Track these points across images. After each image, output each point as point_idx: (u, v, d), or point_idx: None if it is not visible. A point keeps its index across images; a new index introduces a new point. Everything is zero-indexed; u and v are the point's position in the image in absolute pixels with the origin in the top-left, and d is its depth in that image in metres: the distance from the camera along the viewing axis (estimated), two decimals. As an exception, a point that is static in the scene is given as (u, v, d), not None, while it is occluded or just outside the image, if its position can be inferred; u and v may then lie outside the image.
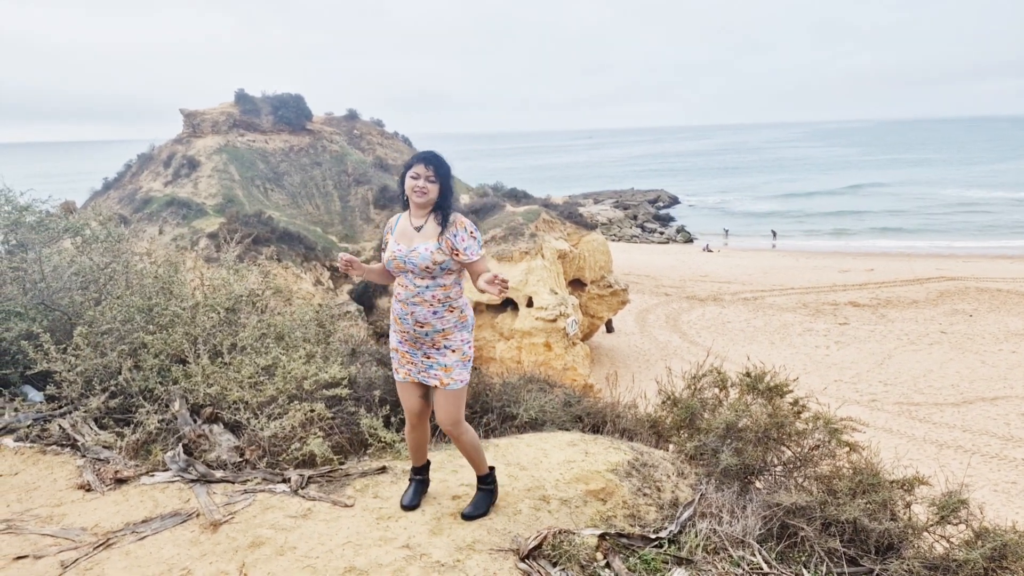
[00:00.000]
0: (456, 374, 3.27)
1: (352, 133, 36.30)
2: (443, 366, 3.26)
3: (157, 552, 3.14)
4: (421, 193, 3.15)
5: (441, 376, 3.26)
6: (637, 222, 59.95)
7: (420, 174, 3.16)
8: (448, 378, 3.26)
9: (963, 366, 23.26)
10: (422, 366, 3.30)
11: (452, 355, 3.26)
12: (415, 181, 3.16)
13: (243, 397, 4.22)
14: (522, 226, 25.17)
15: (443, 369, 3.26)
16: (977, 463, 16.62)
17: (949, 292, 32.06)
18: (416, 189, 3.15)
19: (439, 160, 3.19)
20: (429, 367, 3.28)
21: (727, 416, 4.29)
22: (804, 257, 43.28)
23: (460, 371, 3.28)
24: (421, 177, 3.15)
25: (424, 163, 3.16)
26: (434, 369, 3.27)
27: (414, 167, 3.18)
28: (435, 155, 3.19)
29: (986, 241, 47.28)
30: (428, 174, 3.15)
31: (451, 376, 3.26)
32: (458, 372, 3.27)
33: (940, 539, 3.62)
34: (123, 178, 31.85)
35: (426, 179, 3.15)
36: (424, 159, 3.17)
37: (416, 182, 3.15)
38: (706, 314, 30.54)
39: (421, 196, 3.16)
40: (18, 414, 4.49)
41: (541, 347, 22.07)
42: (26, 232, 5.48)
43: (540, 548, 3.15)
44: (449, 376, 3.26)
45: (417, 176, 3.16)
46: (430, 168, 3.15)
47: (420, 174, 3.16)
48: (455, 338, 3.27)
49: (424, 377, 3.30)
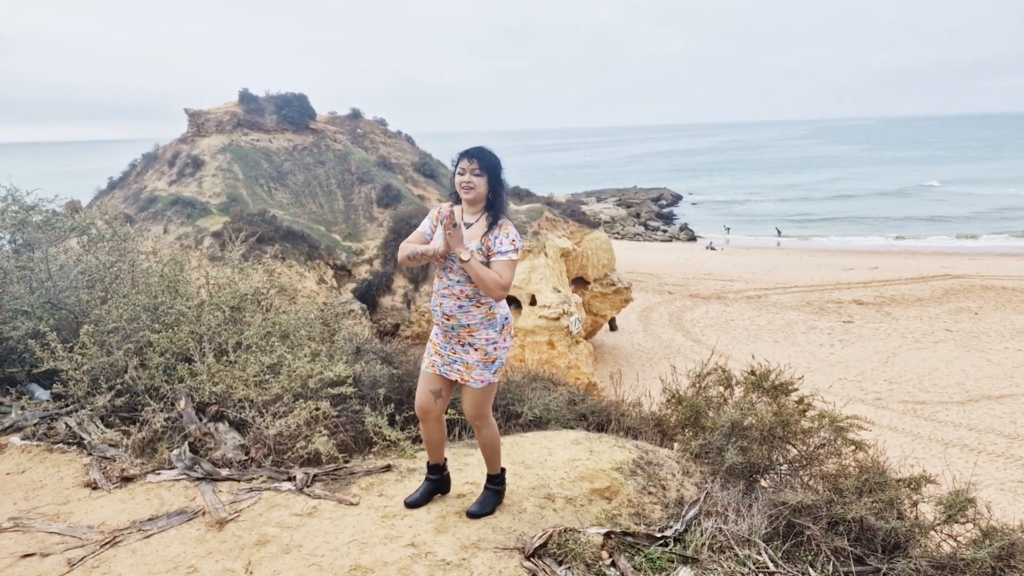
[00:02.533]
0: (476, 374, 3.27)
1: (355, 132, 36.30)
2: (464, 363, 3.29)
3: (163, 550, 3.14)
4: (468, 188, 3.16)
5: (463, 372, 3.30)
6: (640, 220, 59.87)
7: (465, 169, 3.17)
8: (468, 376, 3.29)
9: (969, 364, 23.17)
10: (448, 359, 3.33)
11: (475, 354, 3.27)
12: (461, 177, 3.17)
13: (248, 395, 4.23)
14: (525, 224, 25.16)
15: (464, 367, 3.29)
16: (983, 462, 16.56)
17: (954, 290, 31.94)
18: (463, 185, 3.16)
19: (483, 153, 3.18)
20: (453, 361, 3.32)
21: (732, 414, 4.28)
22: (808, 255, 43.17)
23: (481, 371, 3.28)
24: (467, 172, 3.16)
25: (468, 157, 3.17)
26: (457, 364, 3.31)
27: (460, 163, 3.19)
28: (480, 149, 3.19)
29: (991, 239, 47.12)
30: (473, 167, 3.15)
31: (471, 375, 3.28)
32: (478, 372, 3.27)
33: (947, 538, 3.61)
34: (128, 177, 31.89)
35: (471, 173, 3.15)
36: (468, 153, 3.18)
37: (462, 177, 3.17)
38: (709, 312, 30.48)
39: (469, 191, 3.16)
40: (25, 412, 4.51)
41: (544, 345, 22.07)
42: (33, 231, 5.49)
43: (545, 546, 3.15)
44: (469, 375, 3.28)
45: (463, 172, 3.17)
46: (474, 162, 3.15)
47: (465, 169, 3.17)
48: (480, 336, 3.26)
49: (447, 371, 3.34)
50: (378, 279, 25.71)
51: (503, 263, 3.13)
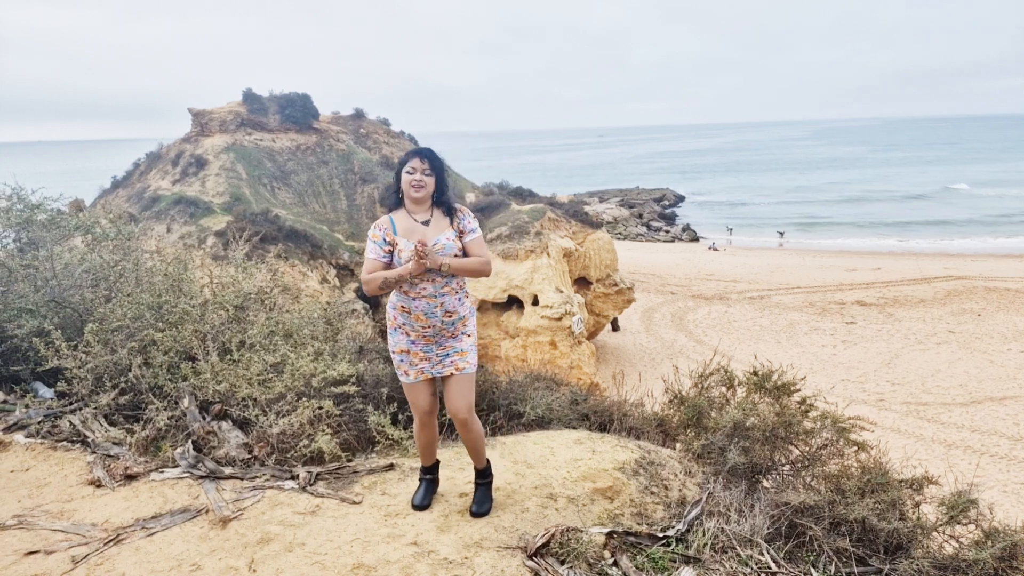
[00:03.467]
0: (471, 357, 3.39)
1: (358, 132, 36.36)
2: (459, 351, 3.36)
3: (167, 547, 3.16)
4: (419, 187, 3.25)
5: (458, 361, 3.34)
6: (643, 220, 59.86)
7: (416, 168, 3.26)
8: (464, 362, 3.35)
9: (971, 366, 23.13)
10: (437, 359, 3.35)
11: (467, 339, 3.39)
12: (411, 176, 3.26)
13: (252, 394, 4.24)
14: (527, 224, 25.16)
15: (460, 354, 3.35)
16: (986, 463, 16.53)
17: (957, 291, 31.88)
18: (414, 183, 3.25)
19: (433, 154, 3.31)
20: (445, 356, 3.35)
21: (734, 415, 4.27)
22: (811, 256, 43.12)
23: (473, 354, 3.40)
24: (417, 171, 3.26)
25: (420, 157, 3.28)
26: (451, 356, 3.35)
27: (410, 162, 3.28)
28: (429, 150, 3.32)
29: (995, 239, 46.98)
30: (424, 167, 3.26)
31: (466, 360, 3.36)
32: (472, 355, 3.39)
33: (949, 539, 3.60)
34: (132, 176, 31.98)
35: (422, 172, 3.26)
36: (419, 153, 3.29)
37: (413, 176, 3.25)
38: (712, 313, 30.46)
39: (419, 190, 3.25)
40: (29, 410, 4.53)
41: (547, 345, 22.07)
42: (37, 230, 5.52)
43: (548, 546, 3.15)
44: (465, 360, 3.36)
45: (413, 171, 3.26)
46: (425, 162, 3.27)
47: (416, 168, 3.26)
48: (470, 323, 3.42)
49: (440, 369, 3.35)
50: (381, 279, 25.71)
51: (477, 241, 3.33)
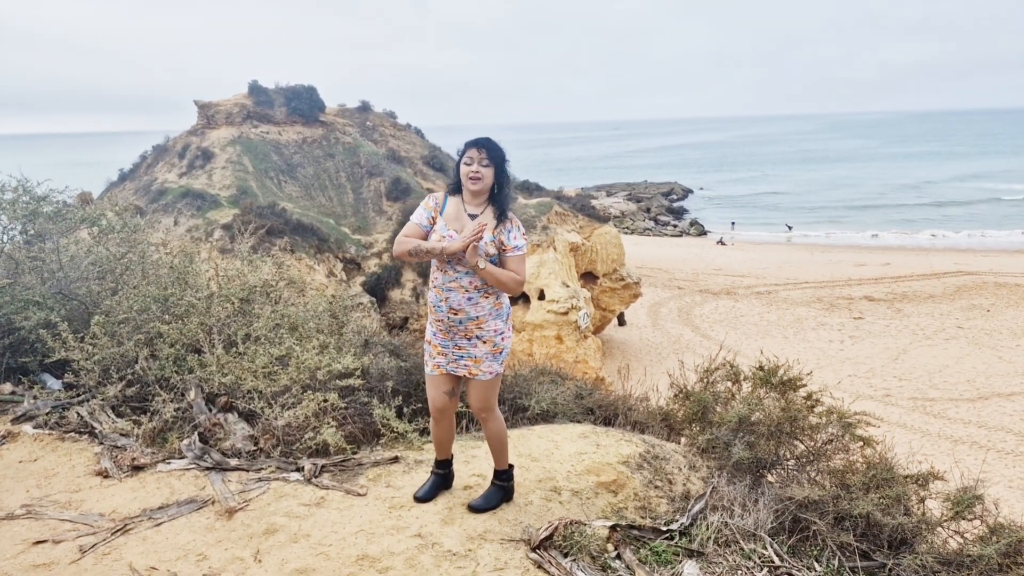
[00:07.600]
0: (485, 366, 3.26)
1: (365, 125, 36.33)
2: (472, 357, 3.24)
3: (173, 538, 3.18)
4: (476, 179, 3.12)
5: (470, 367, 3.26)
6: (650, 215, 59.62)
7: (473, 159, 3.12)
8: (476, 369, 3.26)
9: (979, 361, 22.99)
10: (452, 356, 3.28)
11: (483, 347, 3.24)
12: (469, 167, 3.12)
13: (257, 387, 4.26)
14: (534, 218, 25.12)
15: (472, 360, 3.25)
16: (992, 459, 16.45)
17: (966, 287, 31.66)
18: (471, 175, 3.12)
19: (491, 144, 3.15)
20: (459, 358, 3.27)
21: (740, 410, 4.26)
22: (819, 251, 42.89)
23: (489, 363, 3.26)
24: (475, 162, 3.11)
25: (476, 147, 3.12)
26: (463, 360, 3.26)
27: (467, 152, 3.14)
28: (488, 139, 3.16)
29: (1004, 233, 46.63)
30: (481, 157, 3.11)
31: (479, 368, 3.25)
32: (487, 364, 3.26)
33: (954, 534, 3.59)
34: (138, 169, 32.07)
35: (479, 163, 3.11)
36: (476, 143, 3.14)
37: (470, 167, 3.12)
38: (719, 308, 30.37)
39: (476, 182, 3.12)
40: (37, 402, 4.57)
41: (552, 340, 22.06)
42: (44, 222, 5.54)
43: (551, 539, 3.16)
44: (478, 367, 3.25)
45: (471, 161, 3.12)
46: (482, 152, 3.11)
47: (473, 159, 3.12)
48: (488, 327, 3.23)
49: (454, 368, 3.29)
50: (387, 272, 25.77)
51: (518, 259, 3.15)
